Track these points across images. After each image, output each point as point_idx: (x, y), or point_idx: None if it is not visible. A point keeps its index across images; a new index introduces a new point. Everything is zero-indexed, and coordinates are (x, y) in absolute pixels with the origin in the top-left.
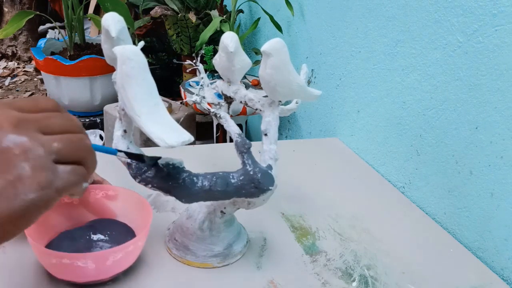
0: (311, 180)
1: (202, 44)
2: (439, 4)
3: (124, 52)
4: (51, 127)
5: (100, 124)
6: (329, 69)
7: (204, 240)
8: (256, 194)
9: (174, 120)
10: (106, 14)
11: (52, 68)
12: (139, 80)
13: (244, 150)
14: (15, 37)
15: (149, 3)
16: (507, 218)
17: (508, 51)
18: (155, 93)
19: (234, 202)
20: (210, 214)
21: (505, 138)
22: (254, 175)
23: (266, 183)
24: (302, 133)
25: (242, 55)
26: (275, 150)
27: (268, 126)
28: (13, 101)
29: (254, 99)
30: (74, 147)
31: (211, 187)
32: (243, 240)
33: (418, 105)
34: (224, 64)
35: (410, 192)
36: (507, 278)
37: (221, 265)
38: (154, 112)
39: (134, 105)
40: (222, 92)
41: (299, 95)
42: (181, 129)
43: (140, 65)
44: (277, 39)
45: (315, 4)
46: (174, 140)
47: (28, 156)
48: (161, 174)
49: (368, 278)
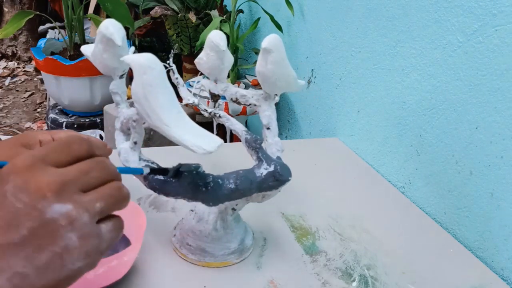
0: (311, 180)
1: (202, 44)
2: (439, 4)
3: (143, 61)
4: (91, 183)
5: (100, 124)
6: (329, 69)
7: (220, 239)
8: (276, 187)
9: (199, 126)
10: (105, 21)
11: (52, 68)
12: (162, 89)
13: (258, 146)
14: (15, 37)
15: (149, 3)
16: (507, 218)
17: (508, 51)
18: (176, 101)
19: (247, 198)
20: (221, 213)
21: (505, 138)
22: (275, 168)
23: (286, 174)
24: (302, 133)
25: (229, 53)
26: (280, 141)
27: (269, 120)
28: (46, 154)
29: (247, 95)
30: (114, 201)
31: (237, 187)
32: (250, 233)
33: (418, 105)
34: (214, 63)
35: (410, 192)
36: (507, 278)
37: (238, 261)
38: (180, 120)
39: (161, 115)
40: (209, 90)
41: (292, 87)
42: (210, 134)
43: (162, 74)
44: (273, 35)
45: (315, 4)
46: (210, 146)
47: (74, 225)
48: (185, 182)
49: (368, 278)
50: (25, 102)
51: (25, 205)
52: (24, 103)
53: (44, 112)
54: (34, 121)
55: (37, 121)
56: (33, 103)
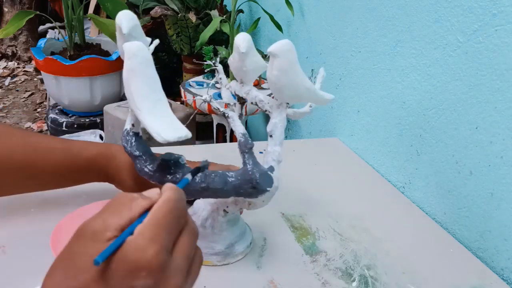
0: (311, 180)
1: (202, 44)
2: (439, 4)
3: (130, 48)
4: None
5: (100, 124)
6: (329, 69)
7: (206, 238)
8: (254, 195)
9: (175, 117)
10: (120, 12)
11: (52, 68)
12: (142, 76)
13: (246, 150)
14: (15, 37)
15: (149, 3)
16: (507, 218)
17: (508, 51)
18: (158, 89)
19: (235, 202)
20: (213, 212)
21: (505, 138)
22: (253, 175)
23: (264, 184)
24: (302, 133)
25: (255, 56)
26: (279, 152)
27: (273, 127)
28: (167, 243)
29: (264, 100)
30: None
31: (208, 185)
32: (246, 241)
33: (418, 105)
34: (237, 64)
35: (410, 192)
36: (507, 278)
37: (221, 264)
38: (156, 107)
39: (136, 99)
40: (235, 92)
41: (308, 98)
42: (180, 125)
43: (144, 61)
44: (286, 40)
45: (315, 4)
46: (170, 135)
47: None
48: (162, 168)
49: (368, 278)
50: (25, 102)
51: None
52: (24, 103)
53: (44, 112)
54: (34, 121)
55: (37, 121)
56: (33, 103)
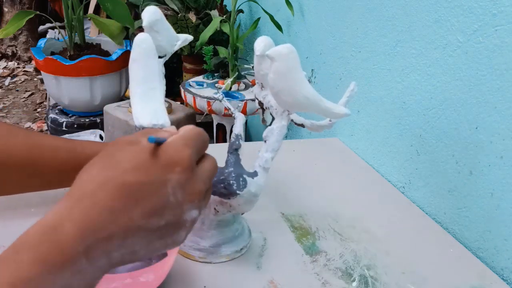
0: (311, 180)
1: (202, 44)
2: (439, 4)
3: (136, 39)
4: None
5: (100, 124)
6: (329, 69)
7: (193, 232)
8: (227, 196)
9: (163, 106)
10: (147, 7)
11: (52, 68)
12: (141, 64)
13: (231, 150)
14: (15, 37)
15: (149, 3)
16: (507, 218)
17: (508, 51)
18: (155, 79)
19: (221, 202)
20: (205, 208)
21: (505, 138)
22: (228, 175)
23: (235, 187)
24: (302, 133)
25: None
26: (267, 158)
27: (268, 133)
28: (198, 151)
29: (274, 106)
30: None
31: None
32: (236, 245)
33: (418, 105)
34: (256, 67)
35: (410, 192)
36: (507, 278)
37: (202, 261)
38: (147, 95)
39: (131, 85)
40: (255, 96)
41: (312, 109)
42: (163, 114)
43: (145, 52)
44: (288, 44)
45: (315, 4)
46: (146, 121)
47: (192, 227)
48: None
49: (368, 278)
50: (25, 102)
51: (176, 202)
52: (24, 103)
53: (44, 112)
54: (34, 121)
55: (37, 121)
56: (33, 103)
